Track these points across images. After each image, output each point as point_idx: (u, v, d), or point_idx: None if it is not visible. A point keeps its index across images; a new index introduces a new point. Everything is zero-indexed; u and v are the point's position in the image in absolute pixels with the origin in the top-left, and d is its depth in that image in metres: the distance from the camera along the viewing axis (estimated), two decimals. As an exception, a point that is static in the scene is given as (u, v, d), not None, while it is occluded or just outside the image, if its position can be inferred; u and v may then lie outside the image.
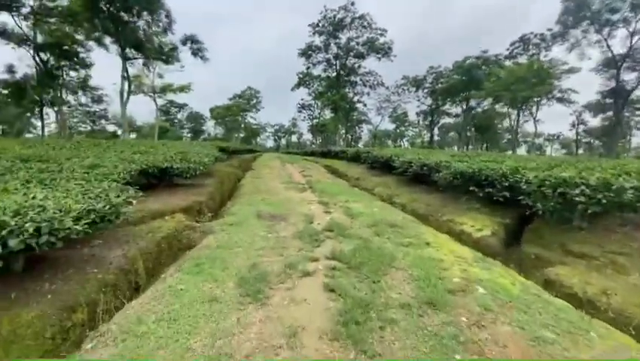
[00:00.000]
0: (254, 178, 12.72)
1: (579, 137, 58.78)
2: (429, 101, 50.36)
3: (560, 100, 39.15)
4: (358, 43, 40.04)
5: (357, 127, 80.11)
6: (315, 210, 7.16)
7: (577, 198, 4.74)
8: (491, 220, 6.39)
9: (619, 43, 31.26)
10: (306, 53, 42.28)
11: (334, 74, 42.85)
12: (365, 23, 38.14)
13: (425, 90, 48.31)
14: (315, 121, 57.74)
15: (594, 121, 53.83)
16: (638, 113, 43.73)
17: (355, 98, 47.04)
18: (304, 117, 60.50)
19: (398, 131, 76.71)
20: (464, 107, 47.08)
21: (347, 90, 45.93)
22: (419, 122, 67.69)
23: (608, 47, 30.98)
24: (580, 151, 62.96)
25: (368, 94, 46.48)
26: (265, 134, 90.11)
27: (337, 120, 41.99)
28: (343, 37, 40.28)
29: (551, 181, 5.20)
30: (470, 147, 58.70)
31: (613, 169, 6.42)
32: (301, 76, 46.13)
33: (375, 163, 14.69)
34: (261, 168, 17.47)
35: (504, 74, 28.28)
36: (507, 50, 38.06)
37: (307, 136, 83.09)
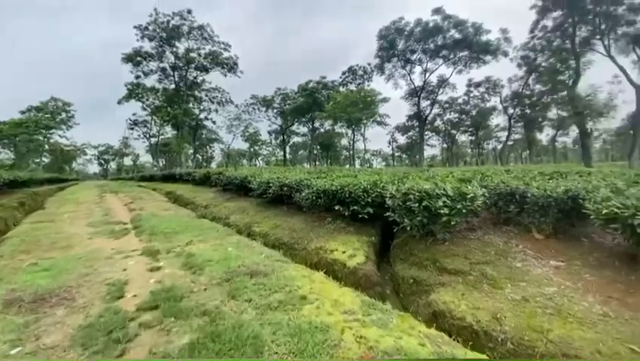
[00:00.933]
0: (40, 223, 8.34)
1: (393, 151, 75.13)
2: (279, 120, 52.27)
3: (379, 123, 48.52)
4: (199, 55, 36.74)
5: (208, 146, 74.87)
6: (134, 268, 4.67)
7: (441, 211, 4.53)
8: (360, 242, 5.78)
9: (418, 78, 41.26)
10: (134, 58, 35.43)
11: (172, 85, 37.74)
12: (206, 35, 35.43)
13: (275, 110, 49.83)
14: (153, 140, 49.75)
15: (402, 139, 70.58)
16: (426, 132, 59.30)
17: (202, 115, 43.28)
18: (139, 135, 51.19)
19: (252, 150, 76.45)
20: (311, 126, 51.29)
21: (192, 106, 41.68)
22: (271, 141, 69.55)
23: (411, 80, 40.33)
24: (396, 163, 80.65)
25: (217, 111, 43.66)
26: (85, 157, 71.39)
27: (182, 139, 37.02)
28: (181, 47, 36.14)
29: (414, 194, 4.92)
30: (317, 163, 64.69)
31: (447, 177, 7.09)
32: (130, 87, 38.48)
33: (229, 186, 12.78)
34: (63, 204, 12.33)
35: (341, 98, 32.32)
36: (340, 78, 44.33)
37: (146, 158, 70.92)
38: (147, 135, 52.13)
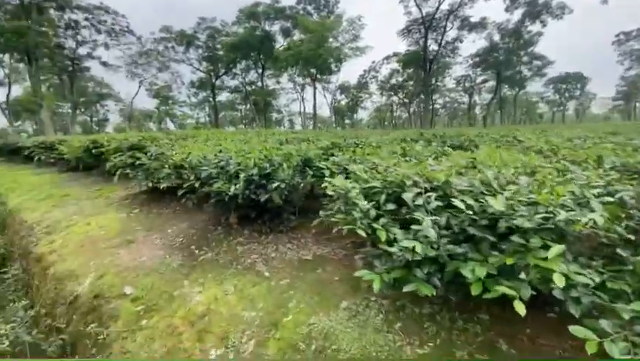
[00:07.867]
0: None
1: (335, 113, 68.42)
2: (204, 66, 38.25)
3: (319, 80, 37.94)
4: None
5: (98, 105, 55.11)
6: None
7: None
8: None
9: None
10: None
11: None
12: None
13: (200, 52, 35.86)
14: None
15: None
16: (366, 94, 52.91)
17: (83, 51, 28.10)
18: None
19: (163, 109, 59.21)
20: (260, 73, 38.72)
21: (65, 31, 26.45)
22: (188, 98, 53.97)
23: (416, 3, 28.66)
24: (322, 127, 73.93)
25: (106, 45, 28.70)
26: None
27: (39, 80, 22.35)
28: None
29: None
30: (246, 127, 53.04)
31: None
32: None
33: (191, 192, 3.71)
34: None
35: (316, 26, 21.21)
36: (297, 6, 32.47)
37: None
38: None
